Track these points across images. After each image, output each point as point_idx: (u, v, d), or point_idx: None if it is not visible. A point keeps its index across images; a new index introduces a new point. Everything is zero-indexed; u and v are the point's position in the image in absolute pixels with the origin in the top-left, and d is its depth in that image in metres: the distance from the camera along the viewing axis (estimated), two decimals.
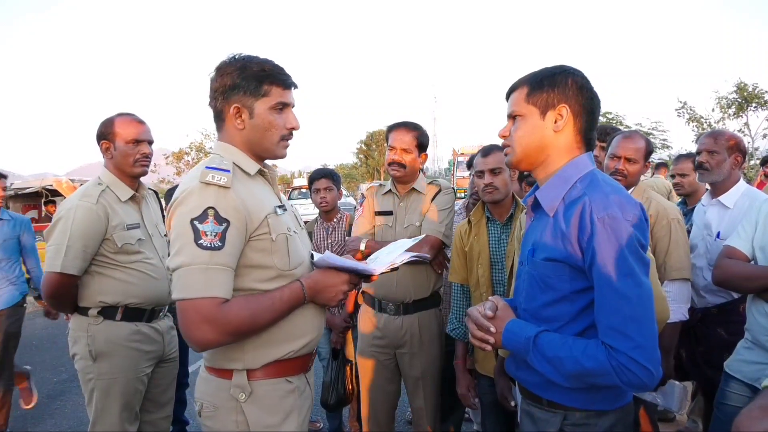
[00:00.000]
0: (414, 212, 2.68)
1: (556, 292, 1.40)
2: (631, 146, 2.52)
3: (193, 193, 1.41)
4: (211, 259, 1.37)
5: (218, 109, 1.57)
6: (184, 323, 1.38)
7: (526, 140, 1.45)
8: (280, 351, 1.54)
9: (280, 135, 1.59)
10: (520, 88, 1.48)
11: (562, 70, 1.45)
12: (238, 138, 1.57)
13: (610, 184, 1.39)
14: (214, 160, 1.49)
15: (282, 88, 1.57)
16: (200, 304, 1.36)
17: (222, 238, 1.39)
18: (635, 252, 1.27)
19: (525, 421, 1.57)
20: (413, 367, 2.66)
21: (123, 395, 2.30)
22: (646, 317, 1.26)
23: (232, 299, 1.42)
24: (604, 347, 1.27)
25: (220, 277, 1.39)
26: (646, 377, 1.24)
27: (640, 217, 1.32)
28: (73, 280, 2.25)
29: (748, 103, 18.88)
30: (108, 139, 2.40)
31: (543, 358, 1.36)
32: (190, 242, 1.37)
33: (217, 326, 1.37)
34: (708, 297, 2.69)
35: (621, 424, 1.44)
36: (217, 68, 1.57)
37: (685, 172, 3.39)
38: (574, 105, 1.41)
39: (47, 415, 4.45)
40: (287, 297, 1.51)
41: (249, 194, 1.49)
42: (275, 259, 1.52)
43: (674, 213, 2.52)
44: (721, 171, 2.64)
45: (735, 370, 2.10)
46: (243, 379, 1.51)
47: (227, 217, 1.40)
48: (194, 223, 1.38)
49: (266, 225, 1.50)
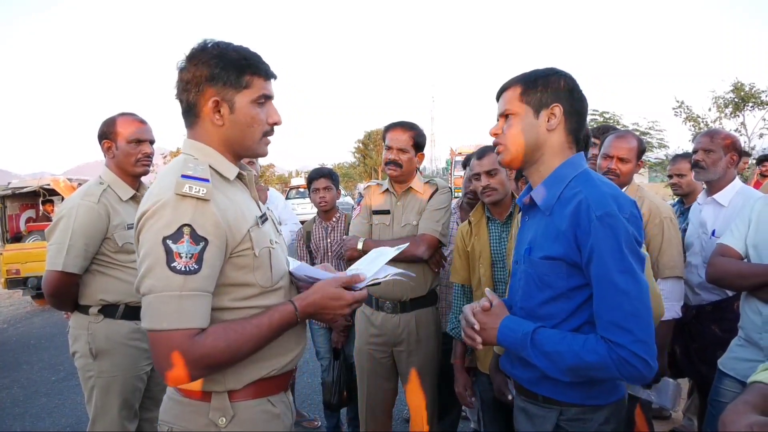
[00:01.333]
0: (411, 211, 2.70)
1: (553, 289, 1.42)
2: (624, 146, 2.55)
3: (166, 206, 1.23)
4: (185, 285, 1.21)
5: (191, 103, 1.37)
6: (154, 356, 1.23)
7: (521, 139, 1.47)
8: (263, 370, 1.39)
9: (262, 131, 1.43)
10: (512, 87, 1.50)
11: (554, 72, 1.49)
12: (215, 135, 1.39)
13: (605, 182, 1.42)
14: (188, 165, 1.30)
15: (264, 79, 1.41)
16: (171, 336, 1.20)
17: (199, 259, 1.22)
18: (632, 248, 1.31)
19: (520, 418, 1.59)
20: (410, 365, 2.68)
21: (123, 393, 2.31)
22: (645, 312, 1.30)
23: (209, 328, 1.25)
24: (604, 341, 1.30)
25: (194, 304, 1.22)
26: (646, 370, 1.28)
27: (635, 214, 1.36)
28: (74, 279, 2.26)
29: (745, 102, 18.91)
30: (110, 138, 2.41)
31: (541, 353, 1.38)
32: (162, 264, 1.20)
33: (191, 361, 1.21)
34: (702, 294, 2.72)
35: (615, 418, 1.47)
36: (189, 56, 1.37)
37: (682, 172, 3.42)
38: (566, 105, 1.45)
39: (46, 414, 4.46)
40: (276, 323, 1.34)
41: (229, 205, 1.32)
42: (257, 276, 1.36)
43: (667, 211, 2.54)
44: (716, 169, 2.66)
45: (729, 367, 2.12)
46: (224, 402, 1.34)
47: (205, 235, 1.23)
48: (167, 243, 1.20)
49: (248, 240, 1.34)
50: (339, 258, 3.47)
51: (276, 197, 3.97)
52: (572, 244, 1.36)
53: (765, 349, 2.01)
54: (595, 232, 1.30)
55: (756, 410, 0.96)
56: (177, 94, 1.40)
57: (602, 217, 1.30)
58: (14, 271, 8.67)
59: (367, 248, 2.63)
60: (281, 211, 3.93)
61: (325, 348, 3.56)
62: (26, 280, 8.61)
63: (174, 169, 1.31)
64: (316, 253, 3.58)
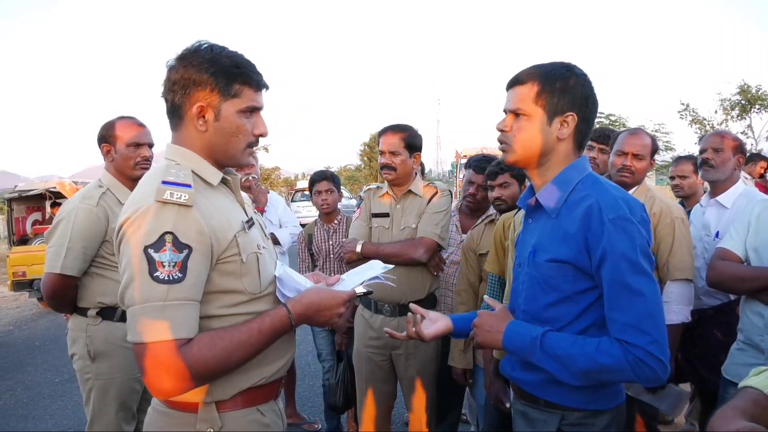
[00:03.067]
0: (410, 214, 2.69)
1: (559, 293, 1.40)
2: (638, 142, 2.49)
3: (147, 213, 1.19)
4: (169, 294, 1.17)
5: (175, 104, 1.33)
6: (141, 370, 1.19)
7: (529, 144, 1.42)
8: (251, 379, 1.35)
9: (247, 141, 1.38)
10: (529, 84, 1.41)
11: (573, 73, 1.41)
12: (197, 141, 1.35)
13: (613, 186, 1.42)
14: (170, 170, 1.26)
15: (254, 90, 1.36)
16: (157, 348, 1.16)
17: (183, 267, 1.18)
18: (645, 251, 1.31)
19: (519, 422, 1.58)
20: (409, 368, 2.67)
21: (120, 395, 2.32)
22: (659, 313, 1.31)
23: (197, 337, 1.21)
24: (619, 343, 1.29)
25: (179, 314, 1.18)
26: (662, 371, 1.28)
27: (645, 218, 1.36)
28: (73, 281, 2.27)
29: (752, 105, 18.80)
30: (109, 142, 2.42)
31: (552, 357, 1.36)
32: (144, 274, 1.16)
33: (177, 373, 1.17)
34: (704, 299, 2.70)
35: (616, 423, 1.46)
36: (181, 56, 1.32)
37: (685, 174, 3.39)
38: (580, 114, 1.41)
39: (48, 415, 4.47)
40: (269, 329, 1.31)
41: (214, 211, 1.28)
42: (245, 283, 1.32)
43: (678, 212, 2.46)
44: (725, 169, 2.64)
45: (732, 374, 2.10)
46: (212, 412, 1.30)
47: (188, 242, 1.19)
48: (148, 252, 1.16)
49: (235, 245, 1.30)
50: (341, 260, 3.47)
51: (276, 200, 3.97)
52: (581, 247, 1.34)
53: (766, 351, 2.00)
54: (608, 235, 1.29)
55: (745, 415, 0.95)
56: (163, 92, 1.35)
57: (615, 220, 1.30)
58: (20, 274, 8.72)
59: (365, 251, 2.64)
60: (282, 214, 3.93)
61: (327, 350, 3.56)
62: (32, 282, 8.66)
63: (155, 176, 1.27)
64: (318, 255, 3.58)
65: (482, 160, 2.96)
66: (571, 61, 1.47)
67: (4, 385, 5.29)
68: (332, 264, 3.54)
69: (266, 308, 1.38)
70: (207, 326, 1.27)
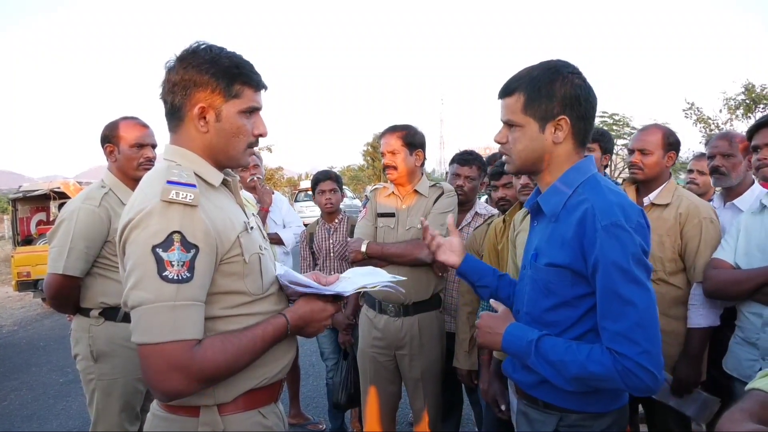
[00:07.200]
0: (416, 214, 2.68)
1: (558, 297, 1.40)
2: (644, 138, 2.46)
3: (153, 213, 1.18)
4: (179, 294, 1.16)
5: (175, 105, 1.33)
6: (147, 371, 1.17)
7: (526, 153, 1.43)
8: (253, 380, 1.35)
9: (247, 142, 1.39)
10: (515, 95, 1.42)
11: (558, 74, 1.38)
12: (198, 142, 1.34)
13: (612, 190, 1.38)
14: (172, 171, 1.25)
15: (254, 90, 1.37)
16: (168, 349, 1.15)
17: (190, 267, 1.18)
18: (639, 259, 1.28)
19: (521, 421, 1.58)
20: (413, 369, 2.66)
21: (123, 395, 2.32)
22: (652, 323, 1.27)
23: (208, 340, 1.22)
24: (609, 352, 1.28)
25: (189, 314, 1.18)
26: (652, 381, 1.25)
27: (642, 224, 1.33)
28: (75, 282, 2.27)
29: (756, 104, 18.69)
30: (112, 142, 2.42)
31: (546, 361, 1.36)
32: (153, 274, 1.15)
33: (190, 374, 1.17)
34: None
35: (616, 427, 1.44)
36: (180, 57, 1.32)
37: (704, 170, 3.29)
38: (573, 115, 1.38)
39: (53, 416, 4.48)
40: (270, 335, 1.33)
41: (216, 212, 1.29)
42: (248, 284, 1.33)
43: (707, 212, 2.36)
44: (738, 174, 2.56)
45: (731, 368, 2.13)
46: (214, 416, 1.30)
47: (195, 242, 1.19)
48: (157, 251, 1.16)
49: (238, 246, 1.30)
50: (341, 259, 3.48)
51: (280, 200, 3.99)
52: (578, 253, 1.33)
53: (762, 349, 2.00)
54: (600, 243, 1.27)
55: (753, 418, 0.93)
56: (162, 94, 1.34)
57: (607, 227, 1.27)
58: (25, 274, 8.74)
59: (371, 251, 2.64)
60: (285, 214, 3.95)
61: (330, 349, 3.56)
62: (37, 282, 8.69)
63: (156, 177, 1.26)
64: (319, 254, 3.58)
65: (464, 153, 3.08)
66: (563, 58, 1.44)
67: (9, 386, 5.30)
68: (332, 263, 3.54)
69: (269, 308, 1.40)
70: (210, 328, 1.27)
